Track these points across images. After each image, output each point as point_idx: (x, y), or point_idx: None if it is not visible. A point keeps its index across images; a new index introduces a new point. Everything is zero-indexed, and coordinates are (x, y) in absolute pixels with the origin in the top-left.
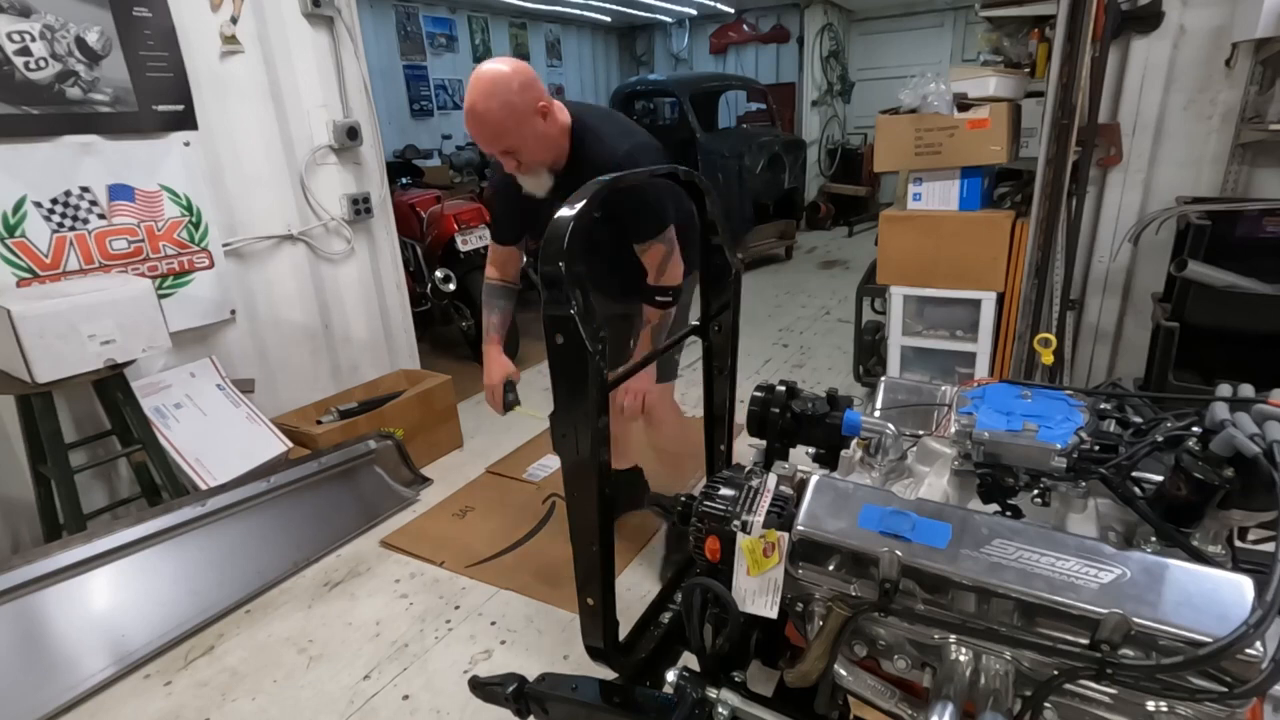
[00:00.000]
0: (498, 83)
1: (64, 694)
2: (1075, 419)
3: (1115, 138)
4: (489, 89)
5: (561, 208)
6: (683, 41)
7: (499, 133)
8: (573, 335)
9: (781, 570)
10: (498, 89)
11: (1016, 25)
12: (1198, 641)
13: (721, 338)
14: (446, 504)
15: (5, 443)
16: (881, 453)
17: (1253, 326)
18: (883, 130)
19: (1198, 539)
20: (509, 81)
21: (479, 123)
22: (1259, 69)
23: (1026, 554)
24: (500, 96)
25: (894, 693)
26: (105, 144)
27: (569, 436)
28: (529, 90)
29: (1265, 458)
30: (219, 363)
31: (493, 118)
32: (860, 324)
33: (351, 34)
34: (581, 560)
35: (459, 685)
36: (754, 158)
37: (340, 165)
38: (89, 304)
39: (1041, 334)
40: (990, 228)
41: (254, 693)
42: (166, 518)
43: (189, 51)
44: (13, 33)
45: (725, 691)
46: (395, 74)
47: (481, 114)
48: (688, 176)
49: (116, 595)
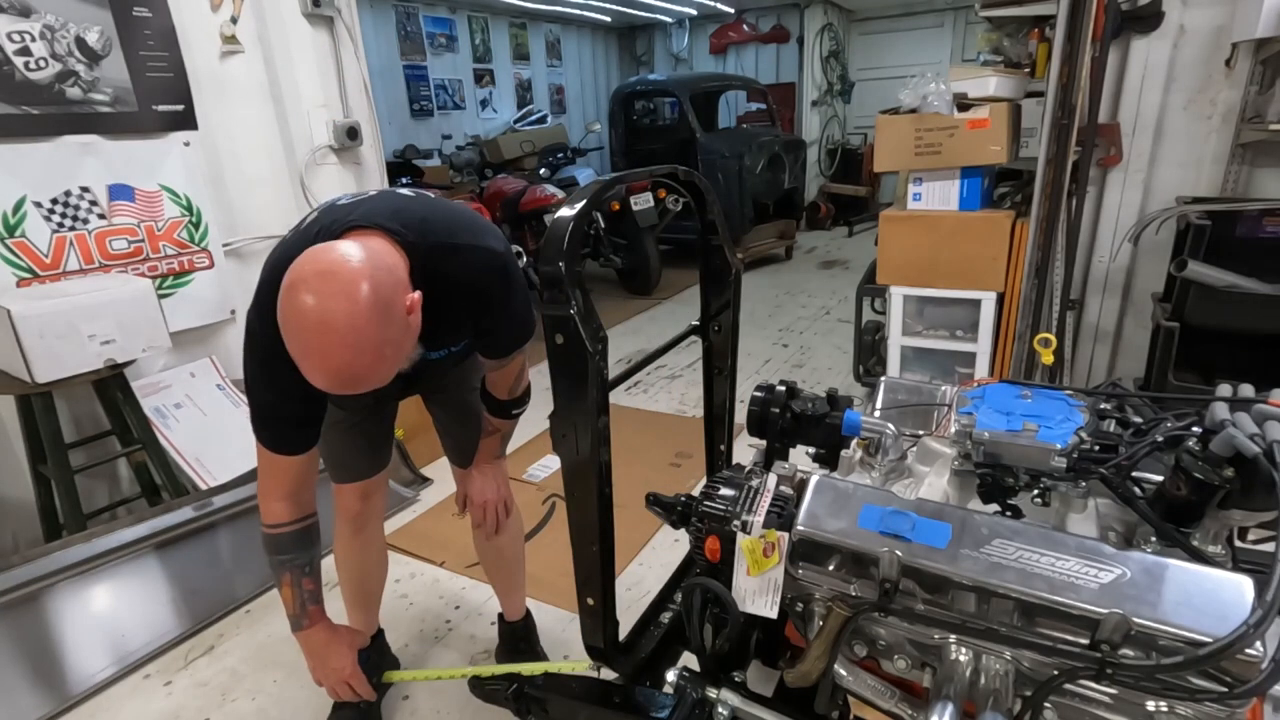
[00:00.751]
0: (364, 315)
1: (64, 694)
2: (1075, 419)
3: (1115, 138)
4: (357, 338)
5: (562, 209)
6: (683, 41)
7: (372, 374)
8: (573, 335)
9: (781, 570)
10: (369, 327)
11: (1016, 25)
12: (1198, 641)
13: (721, 338)
14: (446, 504)
15: (5, 443)
16: (881, 453)
17: (1253, 326)
18: (883, 130)
19: (1198, 539)
20: (373, 305)
21: (355, 383)
22: (1259, 69)
23: (1026, 554)
24: (375, 337)
25: (894, 693)
26: (105, 144)
27: (569, 436)
28: (396, 294)
29: (1265, 458)
30: (219, 363)
31: (379, 368)
32: (860, 324)
33: (351, 34)
34: (581, 560)
35: (459, 685)
36: (754, 158)
37: (340, 165)
38: (89, 304)
39: (1041, 334)
40: (990, 228)
41: (254, 693)
42: (166, 518)
43: (189, 51)
44: (13, 33)
45: (725, 691)
46: (395, 74)
47: (361, 374)
48: (687, 176)
49: (116, 595)
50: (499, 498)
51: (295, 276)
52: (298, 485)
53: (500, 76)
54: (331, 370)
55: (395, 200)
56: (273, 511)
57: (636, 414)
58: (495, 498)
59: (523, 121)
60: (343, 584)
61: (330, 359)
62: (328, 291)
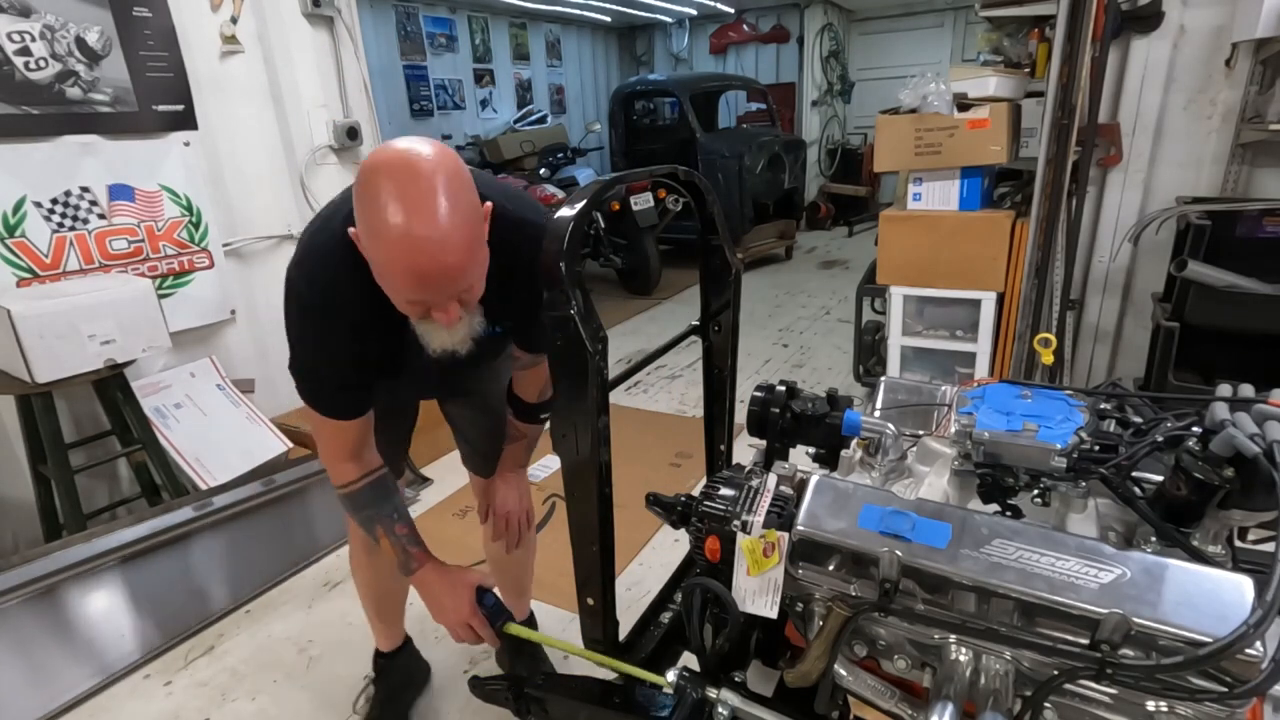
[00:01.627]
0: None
1: (64, 694)
2: (1075, 419)
3: (1115, 138)
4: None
5: (562, 209)
6: (683, 41)
7: (462, 269)
8: (573, 335)
9: (781, 570)
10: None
11: (1016, 25)
12: (1198, 641)
13: (721, 338)
14: (446, 504)
15: (5, 443)
16: (881, 453)
17: (1253, 326)
18: (883, 130)
19: (1198, 539)
20: (461, 176)
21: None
22: (1259, 69)
23: (1026, 554)
24: (462, 206)
25: (894, 693)
26: (105, 144)
27: (569, 436)
28: (470, 184)
29: (1265, 458)
30: (219, 363)
31: (460, 243)
32: (860, 324)
33: (351, 34)
34: (581, 560)
35: (459, 685)
36: (754, 158)
37: (340, 165)
38: (89, 304)
39: (1041, 334)
40: (990, 228)
41: (254, 693)
42: (166, 518)
43: (189, 51)
44: (13, 33)
45: (725, 691)
46: (395, 74)
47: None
48: (687, 176)
49: (116, 595)
50: (522, 509)
51: (373, 161)
52: (358, 445)
53: (500, 76)
54: (419, 238)
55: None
56: (340, 472)
57: (636, 414)
58: (518, 509)
59: (523, 121)
60: (362, 597)
61: (418, 223)
62: (413, 164)
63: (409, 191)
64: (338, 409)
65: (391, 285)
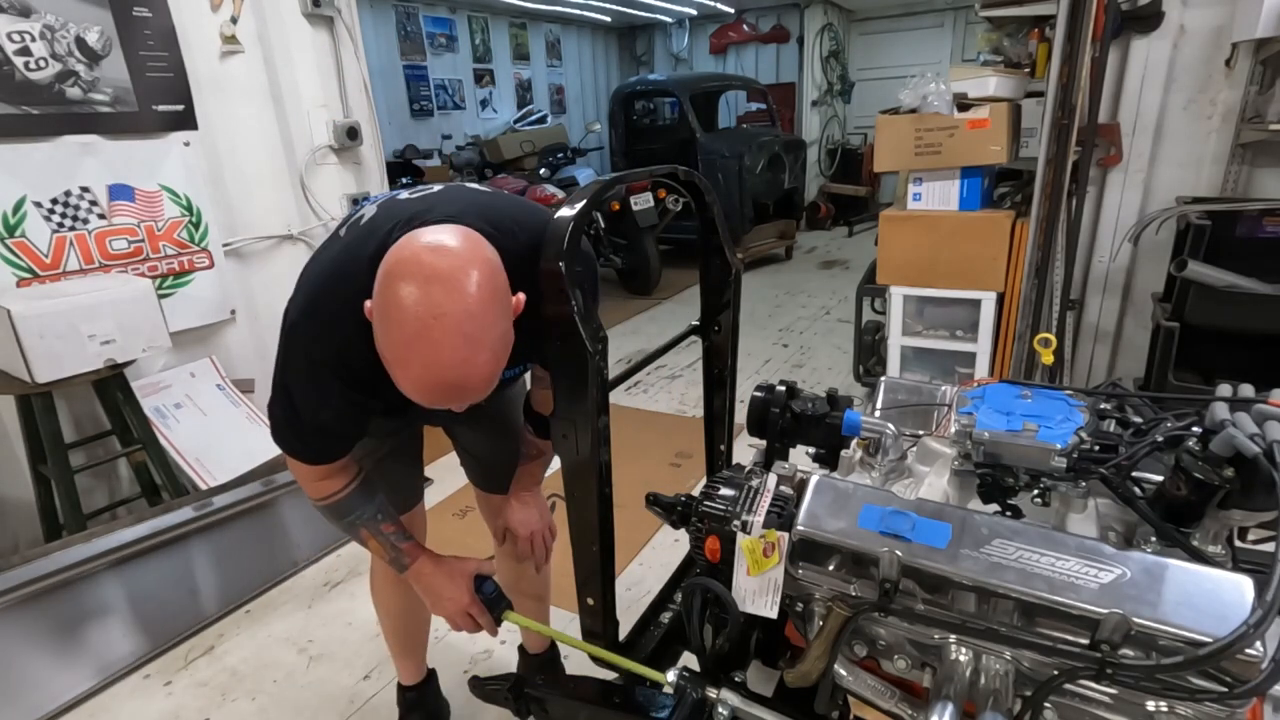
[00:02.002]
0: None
1: (64, 694)
2: (1075, 419)
3: (1115, 138)
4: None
5: (562, 209)
6: (683, 41)
7: (487, 386)
8: (573, 335)
9: (781, 570)
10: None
11: (1016, 25)
12: (1198, 641)
13: (721, 338)
14: (447, 504)
15: (5, 443)
16: (881, 453)
17: (1253, 326)
18: (883, 130)
19: (1198, 539)
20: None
21: (462, 394)
22: (1259, 69)
23: (1026, 554)
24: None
25: (894, 693)
26: (105, 144)
27: (569, 437)
28: (506, 288)
29: (1265, 458)
30: (219, 363)
31: (487, 374)
32: (860, 324)
33: (351, 34)
34: (582, 560)
35: (459, 685)
36: (754, 158)
37: (340, 165)
38: (89, 304)
39: (1041, 334)
40: (990, 228)
41: (254, 693)
42: (166, 518)
43: (189, 51)
44: (13, 33)
45: (725, 691)
46: (395, 74)
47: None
48: (688, 176)
49: (116, 595)
50: (543, 526)
51: (396, 265)
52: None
53: (500, 76)
54: (440, 368)
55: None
56: (317, 490)
57: (636, 414)
58: (540, 527)
59: (523, 121)
60: (385, 629)
61: (441, 355)
62: (439, 279)
63: (434, 329)
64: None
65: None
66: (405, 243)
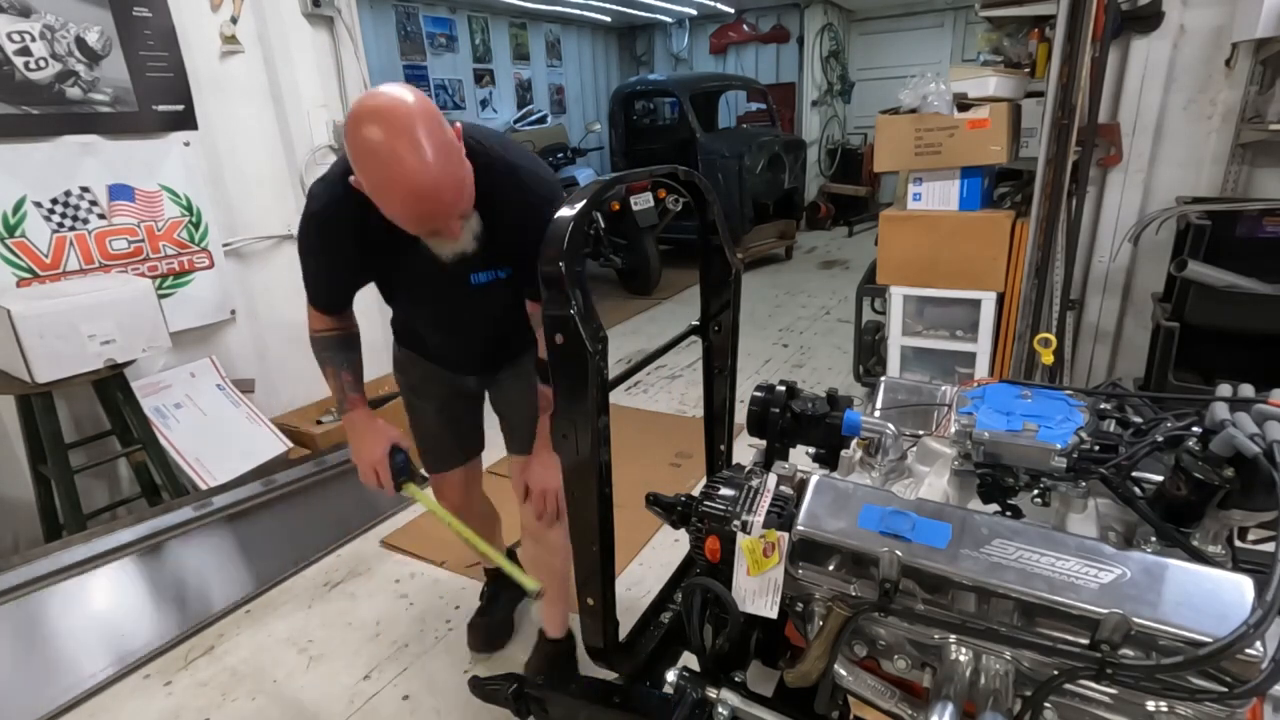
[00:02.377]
0: (429, 123)
1: (64, 694)
2: (1075, 419)
3: (1115, 138)
4: (426, 139)
5: (562, 208)
6: (683, 41)
7: (458, 199)
8: (573, 335)
9: (781, 570)
10: (434, 133)
11: (1016, 25)
12: (1198, 641)
13: (721, 338)
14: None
15: (5, 443)
16: (881, 453)
17: (1253, 326)
18: (883, 130)
19: (1198, 539)
20: (434, 116)
21: (433, 200)
22: (1259, 69)
23: (1026, 554)
24: (442, 145)
25: (894, 693)
26: (105, 144)
27: (569, 437)
28: (440, 118)
29: (1265, 458)
30: (219, 363)
31: (449, 181)
32: (860, 324)
33: (351, 34)
34: (581, 560)
35: (459, 685)
36: (754, 158)
37: None
38: (89, 304)
39: (1041, 334)
40: (990, 228)
41: (254, 693)
42: (166, 518)
43: (189, 51)
44: (13, 33)
45: (725, 691)
46: (395, 74)
47: (436, 185)
48: (687, 176)
49: (116, 595)
50: (556, 485)
51: (350, 121)
52: (334, 318)
53: (500, 76)
54: (409, 176)
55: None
56: (311, 325)
57: (636, 414)
58: (556, 485)
59: (523, 121)
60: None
61: (405, 164)
62: (381, 111)
63: (399, 147)
64: (316, 301)
65: (402, 225)
66: (364, 101)
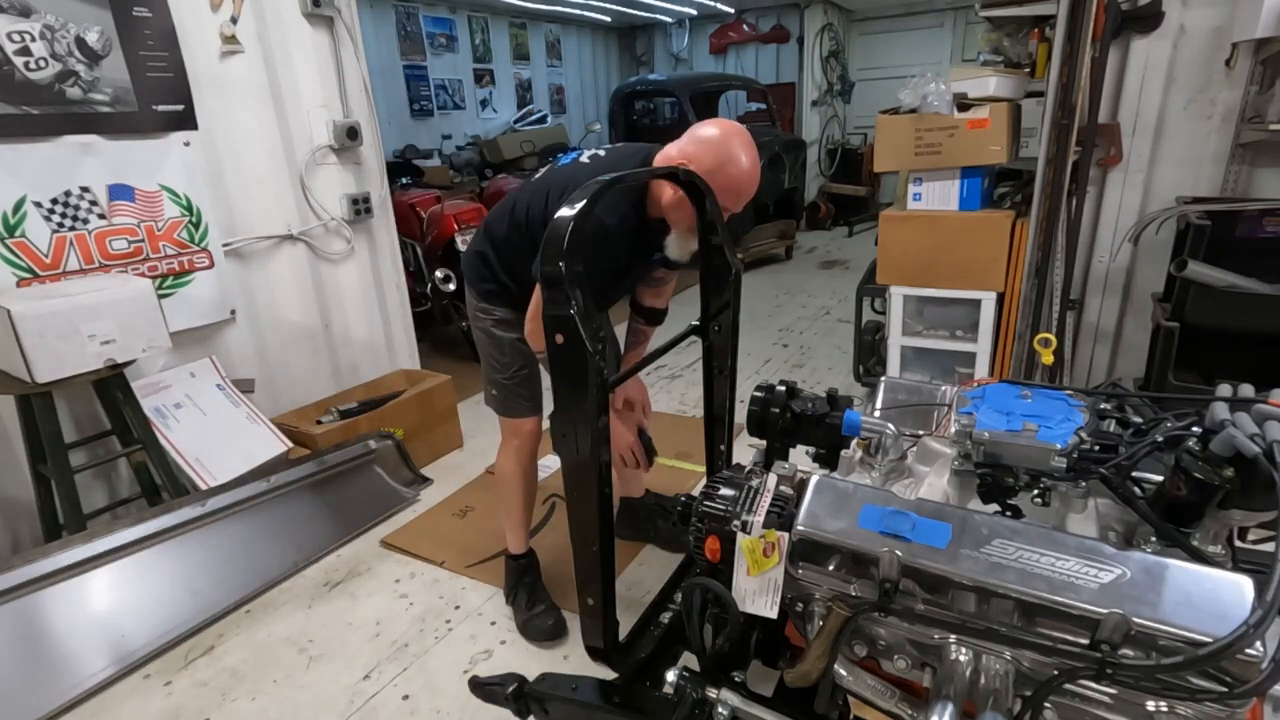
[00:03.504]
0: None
1: (64, 694)
2: (1075, 419)
3: (1115, 138)
4: (750, 147)
5: (562, 208)
6: (683, 41)
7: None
8: (573, 335)
9: (781, 570)
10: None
11: (1016, 25)
12: (1198, 641)
13: (721, 338)
14: (447, 504)
15: (5, 443)
16: (881, 453)
17: (1253, 326)
18: (883, 130)
19: (1198, 539)
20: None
21: (751, 183)
22: (1259, 69)
23: (1026, 554)
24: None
25: (894, 693)
26: (105, 144)
27: (569, 437)
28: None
29: (1265, 458)
30: (219, 363)
31: (755, 178)
32: (860, 324)
33: (351, 34)
34: (581, 560)
35: (459, 685)
36: None
37: (340, 165)
38: (89, 304)
39: (1041, 334)
40: (990, 228)
41: (254, 693)
42: (166, 518)
43: (189, 51)
44: (13, 33)
45: (725, 691)
46: (395, 74)
47: (753, 173)
48: (688, 177)
49: (116, 595)
50: (626, 446)
51: (729, 133)
52: None
53: (500, 76)
54: (741, 165)
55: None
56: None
57: None
58: (624, 446)
59: (523, 121)
60: (512, 505)
61: (748, 155)
62: (730, 126)
63: (750, 153)
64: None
65: (725, 200)
66: (724, 124)
